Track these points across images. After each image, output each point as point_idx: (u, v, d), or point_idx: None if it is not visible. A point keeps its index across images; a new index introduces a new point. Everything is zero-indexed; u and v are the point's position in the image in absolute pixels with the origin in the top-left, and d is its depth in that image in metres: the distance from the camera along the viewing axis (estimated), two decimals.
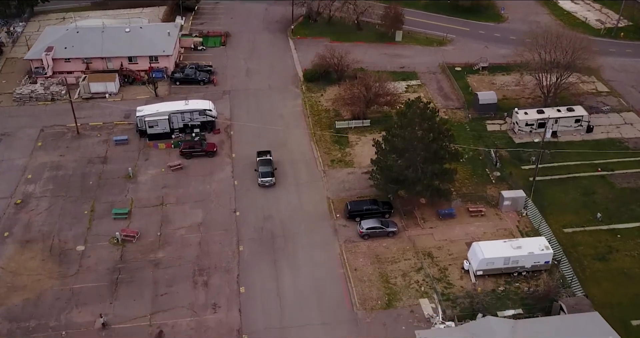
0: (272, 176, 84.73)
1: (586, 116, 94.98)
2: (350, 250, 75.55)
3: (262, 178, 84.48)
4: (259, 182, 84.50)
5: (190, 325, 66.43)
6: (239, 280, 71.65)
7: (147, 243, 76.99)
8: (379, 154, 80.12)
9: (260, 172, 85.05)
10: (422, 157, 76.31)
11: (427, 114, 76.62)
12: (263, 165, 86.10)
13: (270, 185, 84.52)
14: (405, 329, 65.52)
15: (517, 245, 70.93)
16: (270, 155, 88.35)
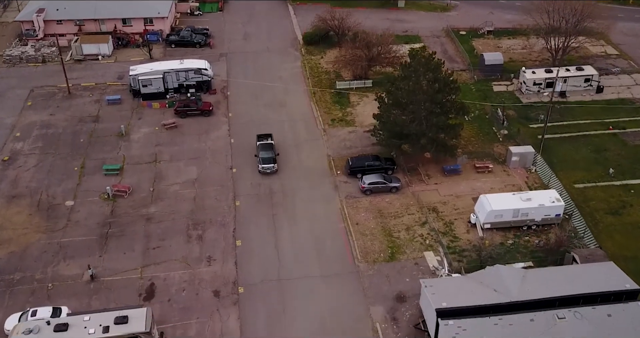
0: (274, 162, 76.27)
1: (596, 75, 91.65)
2: (352, 205, 72.21)
3: (263, 165, 75.91)
4: (260, 169, 75.93)
5: (183, 278, 63.12)
6: (235, 234, 68.34)
7: (139, 198, 73.65)
8: (382, 109, 76.69)
9: (260, 157, 76.39)
10: (426, 109, 72.87)
11: (432, 64, 73.06)
12: (264, 150, 77.34)
13: (272, 173, 76.53)
14: (410, 281, 62.14)
15: (526, 197, 67.61)
16: (271, 139, 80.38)
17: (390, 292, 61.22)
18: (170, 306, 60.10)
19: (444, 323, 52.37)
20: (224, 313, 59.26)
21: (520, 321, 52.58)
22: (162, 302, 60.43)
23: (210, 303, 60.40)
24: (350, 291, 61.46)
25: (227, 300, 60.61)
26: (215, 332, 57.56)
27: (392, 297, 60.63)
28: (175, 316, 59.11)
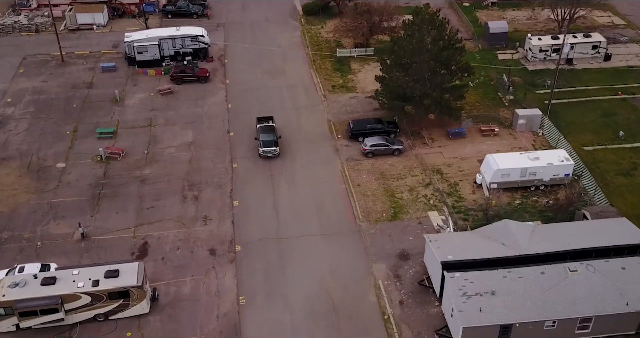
0: (275, 145, 70.19)
1: (604, 42, 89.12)
2: (353, 167, 69.73)
3: (264, 148, 69.68)
4: (260, 153, 69.85)
5: (178, 237, 60.67)
6: (232, 195, 65.84)
7: (132, 160, 71.19)
8: (384, 70, 74.15)
9: (261, 140, 70.45)
10: (430, 69, 70.33)
11: (436, 21, 70.49)
12: (265, 132, 71.47)
13: (273, 157, 70.83)
14: (413, 239, 59.62)
15: (534, 157, 65.02)
16: (272, 122, 74.88)
17: (393, 250, 58.75)
18: (164, 264, 57.64)
19: (450, 276, 49.89)
20: (219, 271, 56.81)
21: (530, 274, 50.09)
22: (156, 260, 57.97)
23: (206, 261, 57.95)
24: (351, 249, 59.01)
25: (224, 258, 58.16)
26: (210, 289, 55.10)
27: (395, 255, 58.16)
28: (169, 274, 56.66)
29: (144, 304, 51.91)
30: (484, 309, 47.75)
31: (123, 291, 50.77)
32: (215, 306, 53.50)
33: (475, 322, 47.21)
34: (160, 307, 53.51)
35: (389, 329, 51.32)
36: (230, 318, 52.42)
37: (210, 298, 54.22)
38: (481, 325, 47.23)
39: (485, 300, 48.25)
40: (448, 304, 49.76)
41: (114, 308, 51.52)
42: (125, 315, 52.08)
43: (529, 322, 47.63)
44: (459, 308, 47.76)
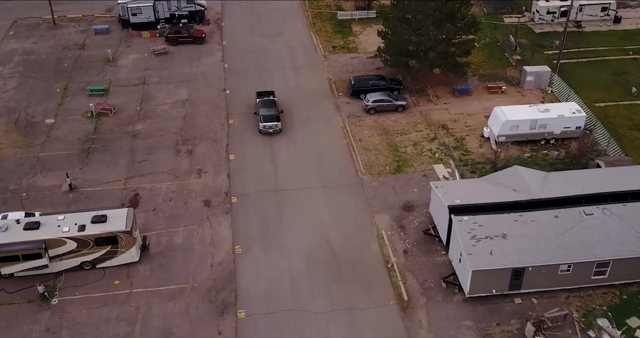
0: (277, 120, 64.40)
1: (613, 4, 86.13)
2: (354, 123, 66.74)
3: (265, 123, 63.72)
4: (260, 128, 63.86)
5: (171, 188, 57.68)
6: (227, 149, 62.77)
7: (125, 117, 68.25)
8: (387, 25, 71.13)
9: (261, 115, 64.74)
10: (435, 21, 67.27)
11: None
12: (265, 106, 65.88)
13: (275, 133, 64.60)
14: (418, 191, 56.62)
15: (544, 109, 61.98)
16: (273, 96, 69.00)
17: (396, 201, 55.76)
18: (156, 215, 54.69)
19: (458, 219, 46.87)
20: (214, 222, 53.85)
21: (543, 218, 47.09)
22: (147, 211, 55.01)
23: (200, 212, 55.00)
24: (353, 201, 56.08)
25: (219, 209, 55.19)
26: (204, 239, 52.12)
27: (399, 206, 55.18)
28: (161, 224, 53.75)
29: (133, 252, 48.92)
30: (495, 252, 44.77)
31: (111, 237, 47.80)
32: (209, 255, 50.58)
33: (485, 265, 44.25)
34: (151, 256, 50.59)
35: (393, 277, 48.37)
36: (225, 267, 49.50)
37: (204, 247, 51.29)
38: (491, 269, 44.18)
39: (495, 244, 45.31)
40: (456, 249, 46.77)
41: (101, 256, 48.54)
42: (113, 264, 49.14)
43: (543, 266, 44.62)
44: (467, 251, 44.79)
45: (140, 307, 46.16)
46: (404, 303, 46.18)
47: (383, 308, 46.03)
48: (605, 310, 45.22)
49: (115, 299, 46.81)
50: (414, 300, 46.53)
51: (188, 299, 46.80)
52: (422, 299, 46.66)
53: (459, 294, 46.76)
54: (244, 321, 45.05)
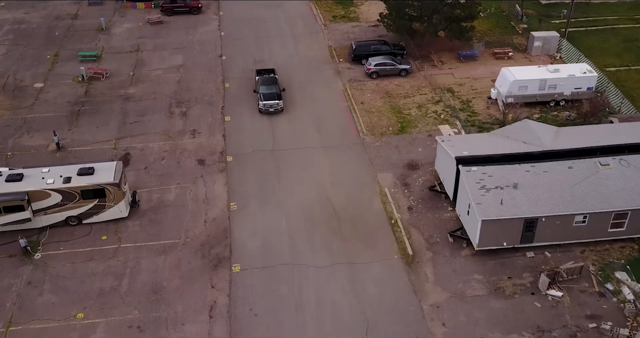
0: (278, 98, 59.10)
1: None
2: (356, 87, 64.12)
3: (265, 102, 58.63)
4: (260, 107, 58.73)
5: (163, 148, 54.88)
6: (223, 111, 60.05)
7: (117, 81, 65.67)
8: None
9: (260, 93, 59.78)
10: None
11: None
12: (265, 84, 60.67)
13: (276, 112, 59.48)
14: (422, 150, 53.92)
15: (554, 69, 59.31)
16: (275, 74, 63.45)
17: (400, 160, 53.07)
18: (147, 173, 51.97)
19: (466, 170, 44.05)
20: (208, 180, 51.12)
21: (556, 168, 44.36)
22: (138, 169, 52.30)
23: (194, 170, 52.32)
24: (354, 160, 53.46)
25: (213, 168, 52.50)
26: (198, 196, 49.40)
27: (403, 165, 52.47)
28: (152, 182, 50.95)
29: (122, 207, 46.13)
30: (506, 202, 42.00)
31: (98, 189, 45.03)
32: (202, 212, 47.83)
33: (495, 215, 41.45)
34: (141, 212, 47.83)
35: (397, 233, 45.60)
36: (220, 223, 46.73)
37: (197, 204, 48.55)
38: (502, 218, 41.37)
39: (506, 193, 42.56)
40: (464, 201, 44.00)
41: (88, 210, 45.77)
42: (101, 219, 46.37)
43: (557, 216, 41.79)
44: (476, 201, 42.02)
45: (128, 262, 43.41)
46: (408, 258, 43.38)
47: (386, 262, 43.26)
48: (623, 263, 42.37)
49: (102, 254, 44.06)
50: (420, 254, 43.74)
51: (179, 254, 44.05)
52: (428, 254, 43.88)
53: (467, 249, 43.98)
54: (238, 275, 42.29)
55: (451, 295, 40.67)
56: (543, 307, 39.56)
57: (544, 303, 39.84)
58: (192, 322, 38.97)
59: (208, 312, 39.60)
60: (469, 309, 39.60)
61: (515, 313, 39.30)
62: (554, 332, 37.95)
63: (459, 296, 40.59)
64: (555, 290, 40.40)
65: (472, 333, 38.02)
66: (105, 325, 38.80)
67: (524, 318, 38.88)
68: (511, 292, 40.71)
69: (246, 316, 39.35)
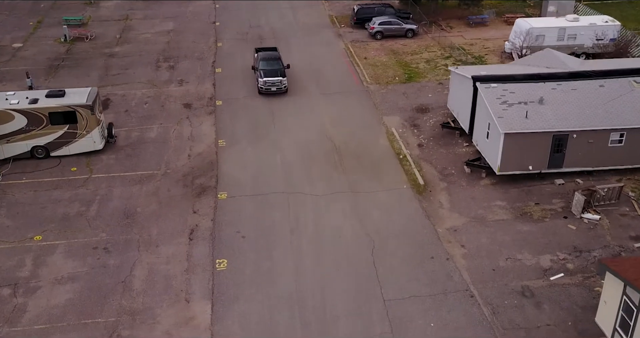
0: (282, 75, 49.09)
1: None
2: (359, 46, 59.65)
3: (266, 78, 48.53)
4: (260, 85, 48.78)
5: (147, 94, 49.86)
6: (214, 65, 55.33)
7: (102, 42, 61.28)
8: None
9: (260, 70, 49.37)
10: None
11: None
12: (266, 60, 50.47)
13: (280, 92, 49.34)
14: (433, 96, 48.89)
15: (573, 18, 54.74)
16: (277, 51, 53.19)
17: (408, 105, 48.03)
18: (128, 115, 46.92)
19: (484, 86, 38.82)
20: (195, 121, 46.04)
21: (586, 86, 39.27)
22: (118, 112, 47.28)
23: (179, 112, 47.36)
24: (357, 104, 48.57)
25: (201, 111, 47.48)
26: (182, 134, 44.22)
27: (411, 109, 47.44)
28: (132, 122, 45.70)
29: (96, 136, 40.84)
30: (531, 116, 36.66)
31: (68, 112, 39.90)
32: (187, 147, 42.58)
33: (519, 128, 35.99)
34: (118, 147, 42.53)
35: (406, 166, 39.98)
36: (205, 157, 41.38)
37: (181, 141, 43.35)
38: (528, 132, 35.96)
39: (531, 108, 37.25)
40: (482, 123, 38.72)
41: (56, 139, 40.52)
42: (71, 151, 41.03)
43: (590, 133, 36.36)
44: (498, 115, 36.65)
45: (98, 190, 37.84)
46: (419, 188, 37.78)
47: (394, 191, 37.65)
48: None
49: (70, 183, 38.55)
50: (432, 184, 38.20)
51: (158, 183, 38.55)
52: (442, 184, 38.32)
53: (486, 179, 38.43)
54: (225, 201, 36.69)
55: (470, 219, 34.96)
56: (579, 229, 33.83)
57: (580, 226, 34.05)
58: (168, 244, 33.21)
59: (188, 235, 33.88)
60: (491, 232, 33.86)
61: (546, 235, 33.54)
62: (593, 252, 32.05)
63: (479, 220, 34.88)
64: (591, 214, 34.57)
65: (497, 255, 32.07)
66: (65, 246, 33.08)
67: (557, 240, 33.09)
68: (540, 216, 35.02)
69: (232, 238, 33.62)
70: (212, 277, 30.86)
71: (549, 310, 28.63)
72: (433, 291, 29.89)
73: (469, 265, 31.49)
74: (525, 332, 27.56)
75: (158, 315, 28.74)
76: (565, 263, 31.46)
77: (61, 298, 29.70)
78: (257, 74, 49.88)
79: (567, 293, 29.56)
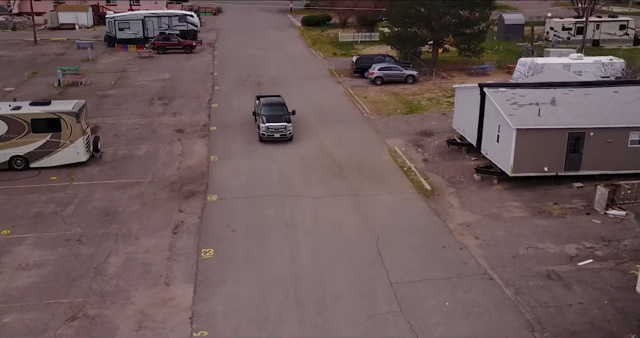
0: (286, 121, 43.06)
1: (632, 22, 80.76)
2: (359, 90, 58.30)
3: (269, 124, 42.38)
4: (262, 132, 42.53)
5: (138, 122, 48.07)
6: (210, 102, 53.83)
7: (96, 87, 60.05)
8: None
9: (262, 115, 43.32)
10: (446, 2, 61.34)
11: None
12: (268, 105, 44.54)
13: (284, 139, 42.94)
14: (436, 124, 47.09)
15: (577, 56, 53.85)
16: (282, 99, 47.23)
17: (411, 130, 46.11)
18: (116, 138, 44.78)
19: (493, 90, 36.84)
20: (187, 143, 43.52)
21: (599, 92, 37.29)
22: (106, 136, 44.84)
23: (171, 136, 45.06)
24: (358, 130, 46.64)
25: (194, 135, 45.20)
26: (173, 152, 41.68)
27: (415, 133, 45.38)
28: (121, 143, 43.30)
29: (80, 147, 38.37)
30: (544, 115, 34.41)
31: (52, 119, 37.67)
32: (177, 162, 39.92)
33: (532, 124, 33.63)
34: (103, 162, 39.85)
35: (411, 175, 37.20)
36: (196, 169, 38.66)
37: (171, 157, 40.86)
38: (542, 128, 33.54)
39: (544, 108, 35.03)
40: (491, 127, 36.35)
41: (37, 149, 37.95)
42: (52, 163, 38.35)
43: (609, 131, 33.97)
44: (508, 113, 34.41)
45: (78, 194, 34.92)
46: (426, 192, 34.92)
47: (399, 195, 34.81)
48: None
49: (48, 189, 35.65)
50: (440, 190, 35.37)
51: (143, 189, 35.56)
52: (450, 189, 35.56)
53: (499, 185, 35.55)
54: (215, 202, 33.69)
55: (483, 216, 31.86)
56: (604, 223, 30.68)
57: (605, 220, 30.90)
58: (149, 236, 29.86)
59: (172, 230, 30.56)
60: (508, 227, 30.74)
61: (569, 228, 30.43)
62: (623, 241, 28.71)
63: (493, 217, 31.76)
64: (616, 210, 31.50)
65: (516, 244, 28.74)
66: (35, 238, 29.76)
67: (581, 232, 29.94)
68: (560, 213, 32.01)
69: (221, 231, 30.43)
70: (196, 264, 27.37)
71: (580, 291, 25.08)
72: (446, 275, 26.38)
73: (485, 253, 28.12)
74: (555, 309, 23.83)
75: (132, 297, 25.10)
76: (593, 251, 28.08)
77: (23, 282, 26.19)
78: (258, 120, 44.11)
79: (598, 276, 26.08)
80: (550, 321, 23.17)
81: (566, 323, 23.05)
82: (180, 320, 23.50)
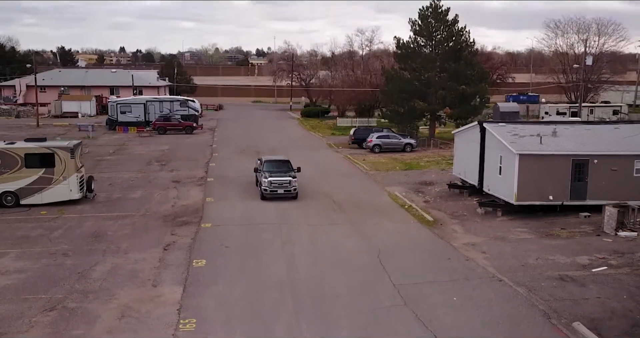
0: (291, 177, 39.32)
1: (625, 107, 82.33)
2: (357, 155, 58.22)
3: (272, 178, 38.82)
4: (264, 187, 38.83)
5: (134, 176, 47.41)
6: (208, 163, 53.65)
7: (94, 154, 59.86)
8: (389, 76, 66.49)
9: (265, 171, 39.77)
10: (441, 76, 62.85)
11: (446, 19, 64.80)
12: (271, 161, 41.44)
13: (288, 196, 39.10)
14: (436, 176, 46.70)
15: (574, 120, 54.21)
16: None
17: (411, 181, 45.46)
18: (111, 186, 43.89)
19: (493, 125, 36.73)
20: (182, 190, 42.78)
21: (600, 128, 37.23)
22: (101, 185, 44.14)
23: (166, 184, 44.25)
24: (357, 181, 45.99)
25: (190, 184, 44.49)
26: (168, 196, 40.76)
27: (415, 183, 44.65)
28: (115, 190, 42.58)
29: (73, 183, 37.61)
30: (546, 143, 34.08)
31: (46, 154, 37.11)
32: (172, 202, 38.95)
33: (535, 149, 33.21)
34: (96, 201, 38.96)
35: (412, 211, 36.28)
36: (190, 206, 37.63)
37: (166, 198, 39.89)
38: (544, 154, 33.07)
39: (545, 139, 34.74)
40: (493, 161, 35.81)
41: (29, 185, 37.10)
42: (43, 200, 37.40)
43: (613, 158, 33.47)
44: (510, 141, 34.06)
45: (67, 223, 33.69)
46: (429, 222, 33.78)
47: (401, 223, 33.63)
48: None
49: (37, 220, 34.42)
50: (443, 221, 34.22)
51: (135, 220, 34.41)
52: (454, 220, 34.37)
53: (503, 217, 34.51)
54: (209, 228, 32.49)
55: (489, 238, 30.59)
56: (615, 241, 29.39)
57: (616, 239, 29.67)
58: (139, 252, 28.52)
59: (163, 247, 29.25)
60: (515, 245, 29.45)
61: (579, 245, 29.10)
62: (638, 253, 27.36)
63: (499, 238, 30.50)
64: (626, 232, 30.35)
65: (524, 256, 27.40)
66: (18, 253, 28.37)
67: (593, 248, 28.63)
68: (569, 236, 30.70)
69: (214, 248, 29.06)
70: (186, 271, 25.84)
71: (596, 288, 23.52)
72: (452, 278, 24.86)
73: (493, 263, 26.74)
74: (571, 302, 22.24)
75: (116, 293, 23.43)
76: (606, 261, 26.66)
77: (1, 283, 24.48)
78: (259, 177, 40.23)
79: (615, 279, 24.55)
80: (568, 310, 21.51)
81: (585, 312, 21.35)
82: (167, 311, 21.77)
